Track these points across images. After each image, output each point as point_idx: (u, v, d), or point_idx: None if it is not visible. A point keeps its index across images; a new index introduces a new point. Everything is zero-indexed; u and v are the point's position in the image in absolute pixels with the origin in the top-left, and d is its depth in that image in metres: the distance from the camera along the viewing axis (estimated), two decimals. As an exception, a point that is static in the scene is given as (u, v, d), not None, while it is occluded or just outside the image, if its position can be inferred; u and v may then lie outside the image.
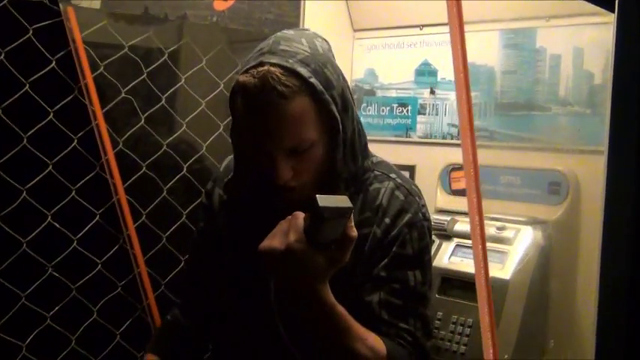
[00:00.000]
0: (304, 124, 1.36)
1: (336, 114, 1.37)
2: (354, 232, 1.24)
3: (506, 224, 1.85)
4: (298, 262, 1.23)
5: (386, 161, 1.58)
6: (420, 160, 2.21)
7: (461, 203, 2.07)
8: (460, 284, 1.82)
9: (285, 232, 1.24)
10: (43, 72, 1.82)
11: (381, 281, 1.40)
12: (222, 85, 2.19)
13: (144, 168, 2.02)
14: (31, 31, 1.78)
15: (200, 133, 2.15)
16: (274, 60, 1.31)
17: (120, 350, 1.98)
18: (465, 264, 1.84)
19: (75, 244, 1.88)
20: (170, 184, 2.07)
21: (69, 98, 1.86)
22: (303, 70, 1.32)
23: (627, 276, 1.55)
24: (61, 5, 1.82)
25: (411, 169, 2.21)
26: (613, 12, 1.50)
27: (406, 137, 2.27)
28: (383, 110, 2.34)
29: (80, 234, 1.89)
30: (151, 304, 2.00)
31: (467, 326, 1.77)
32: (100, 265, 1.93)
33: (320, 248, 1.22)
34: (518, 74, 1.99)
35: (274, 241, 1.24)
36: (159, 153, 2.05)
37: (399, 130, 2.29)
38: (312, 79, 1.33)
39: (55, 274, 1.85)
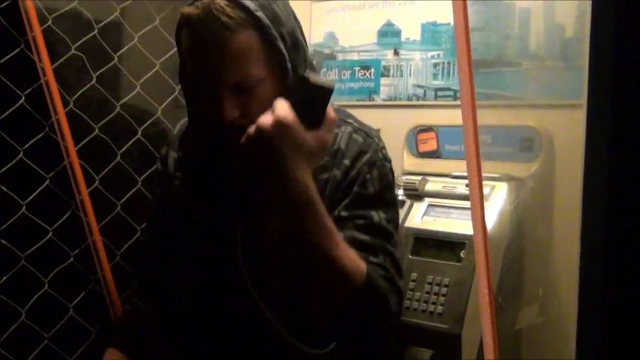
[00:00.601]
0: (249, 59, 1.30)
1: (284, 51, 1.32)
2: (334, 114, 1.25)
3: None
4: (292, 137, 1.19)
5: (342, 108, 1.54)
6: (385, 124, 2.13)
7: (429, 165, 2.01)
8: (434, 243, 1.75)
9: (269, 113, 1.19)
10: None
11: (344, 220, 1.36)
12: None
13: (96, 130, 1.89)
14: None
15: (155, 96, 2.04)
16: None
17: (73, 324, 1.85)
18: (438, 222, 1.78)
19: (24, 209, 1.75)
20: (125, 148, 1.96)
21: (15, 51, 1.73)
22: (249, 3, 1.28)
23: (607, 225, 1.53)
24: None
25: (377, 132, 2.14)
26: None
27: (369, 101, 2.21)
28: (344, 74, 2.26)
29: (29, 199, 1.76)
30: (106, 276, 1.87)
31: (443, 285, 1.71)
32: (50, 233, 1.80)
33: (308, 128, 1.21)
34: (486, 31, 1.94)
35: (260, 122, 1.19)
36: (112, 115, 1.93)
37: (362, 94, 2.22)
38: (259, 13, 1.28)
39: (2, 241, 1.72)
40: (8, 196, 1.73)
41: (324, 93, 1.22)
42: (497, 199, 1.75)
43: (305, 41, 1.41)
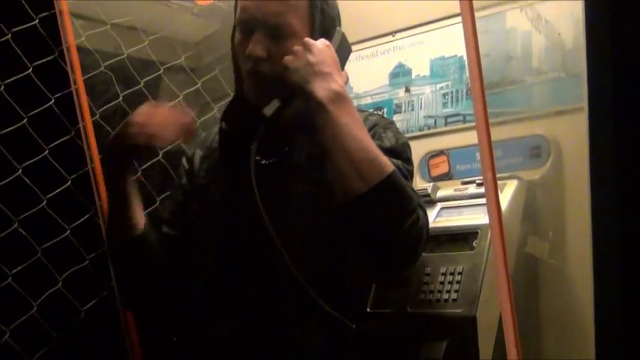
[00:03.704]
0: (291, 9, 1.45)
1: (317, 21, 1.49)
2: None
3: (491, 182, 1.83)
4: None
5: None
6: (398, 157, 2.21)
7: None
8: (447, 238, 1.75)
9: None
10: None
11: None
12: (200, 83, 2.22)
13: (120, 143, 1.97)
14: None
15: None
16: None
17: (82, 328, 1.83)
18: (450, 220, 1.79)
19: (44, 203, 1.80)
20: (146, 164, 2.02)
21: (49, 58, 1.86)
22: None
23: (617, 217, 1.54)
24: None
25: (390, 167, 2.20)
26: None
27: (383, 138, 2.28)
28: (358, 118, 2.36)
29: (50, 194, 1.81)
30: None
31: (457, 273, 1.69)
32: (68, 231, 1.83)
33: None
34: (490, 56, 2.06)
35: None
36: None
37: (376, 133, 2.30)
38: None
39: (21, 231, 1.74)
40: (30, 192, 1.78)
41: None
42: (508, 194, 1.77)
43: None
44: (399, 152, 1.49)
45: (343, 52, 1.54)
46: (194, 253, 1.57)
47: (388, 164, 1.33)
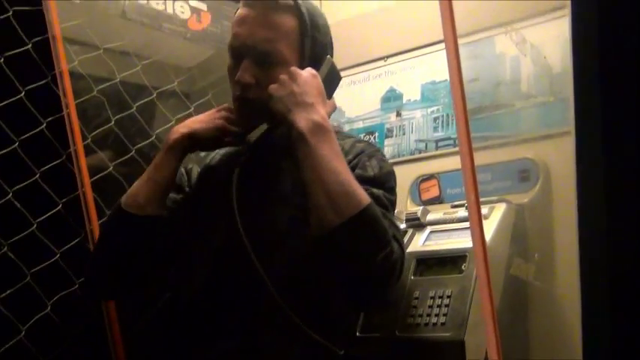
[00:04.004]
0: (281, 35, 1.47)
1: (307, 48, 1.51)
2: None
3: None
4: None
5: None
6: (389, 181, 2.22)
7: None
8: (436, 261, 1.75)
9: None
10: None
11: None
12: (193, 107, 2.23)
13: (111, 167, 1.98)
14: (11, 12, 1.83)
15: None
16: None
17: (70, 353, 1.82)
18: (439, 244, 1.79)
19: (34, 227, 1.80)
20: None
21: (41, 82, 1.87)
22: (301, 3, 1.51)
23: (604, 240, 1.54)
24: (42, -4, 1.89)
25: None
26: None
27: (374, 162, 2.29)
28: (350, 142, 2.37)
29: (40, 218, 1.81)
30: (109, 310, 1.87)
31: (445, 297, 1.69)
32: (58, 255, 1.83)
33: None
34: (480, 81, 2.07)
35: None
36: (126, 157, 2.03)
37: (367, 157, 2.32)
38: (304, 8, 1.51)
39: (10, 255, 1.74)
40: (19, 216, 1.78)
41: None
42: (498, 216, 1.78)
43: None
44: (382, 182, 1.50)
45: (331, 80, 1.55)
46: (179, 273, 1.57)
47: (364, 198, 1.33)
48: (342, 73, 2.43)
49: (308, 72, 1.45)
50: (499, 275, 1.70)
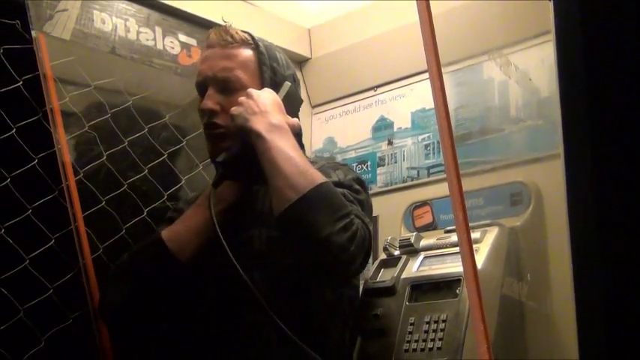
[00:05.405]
0: (239, 65, 1.63)
1: (267, 77, 1.62)
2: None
3: (473, 229, 1.83)
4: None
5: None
6: (382, 210, 2.22)
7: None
8: (430, 286, 1.75)
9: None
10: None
11: None
12: (185, 141, 2.23)
13: (103, 202, 1.98)
14: (1, 50, 1.84)
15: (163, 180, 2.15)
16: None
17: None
18: (433, 269, 1.79)
19: (27, 262, 1.79)
20: (130, 223, 2.02)
21: (33, 119, 1.88)
22: (258, 39, 1.65)
23: (597, 261, 1.54)
24: (33, 32, 1.91)
25: (375, 219, 2.21)
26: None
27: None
28: (343, 172, 2.38)
29: (33, 254, 1.80)
30: (101, 333, 1.85)
31: (441, 321, 1.68)
32: (51, 290, 1.82)
33: None
34: (469, 107, 2.09)
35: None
36: (119, 191, 2.03)
37: (360, 186, 2.32)
38: (261, 43, 1.64)
39: (3, 291, 1.73)
40: (12, 252, 1.78)
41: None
42: (491, 239, 1.77)
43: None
44: (348, 185, 1.58)
45: (291, 102, 1.63)
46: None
47: (320, 177, 1.41)
48: (332, 105, 2.48)
49: (264, 90, 1.55)
50: (494, 297, 1.69)
